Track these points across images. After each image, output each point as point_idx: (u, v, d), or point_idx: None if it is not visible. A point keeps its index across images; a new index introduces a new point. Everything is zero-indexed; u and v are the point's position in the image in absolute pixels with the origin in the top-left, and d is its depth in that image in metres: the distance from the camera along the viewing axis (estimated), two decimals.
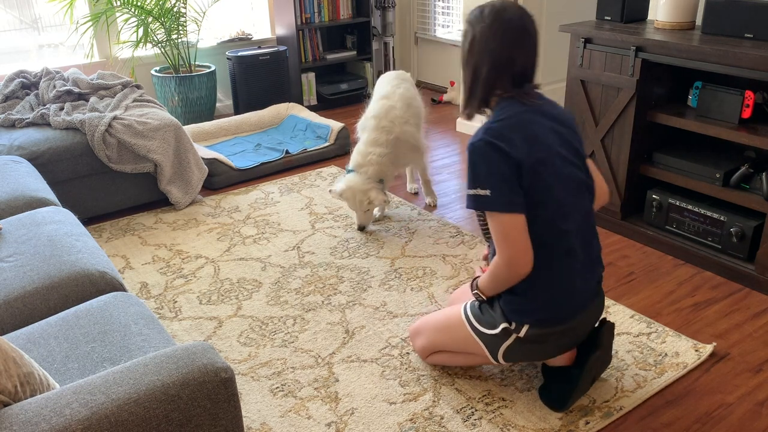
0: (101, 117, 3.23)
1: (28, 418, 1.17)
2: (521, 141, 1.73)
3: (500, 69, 1.78)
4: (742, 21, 2.60)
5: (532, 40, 1.78)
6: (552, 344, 1.88)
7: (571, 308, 1.85)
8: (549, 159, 1.76)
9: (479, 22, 1.78)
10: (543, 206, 1.76)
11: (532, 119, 1.78)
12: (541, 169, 1.73)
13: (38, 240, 2.08)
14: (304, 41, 4.99)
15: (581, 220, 1.84)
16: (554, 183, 1.76)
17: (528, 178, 1.73)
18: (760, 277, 2.56)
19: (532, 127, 1.76)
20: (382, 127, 3.05)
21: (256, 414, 1.99)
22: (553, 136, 1.79)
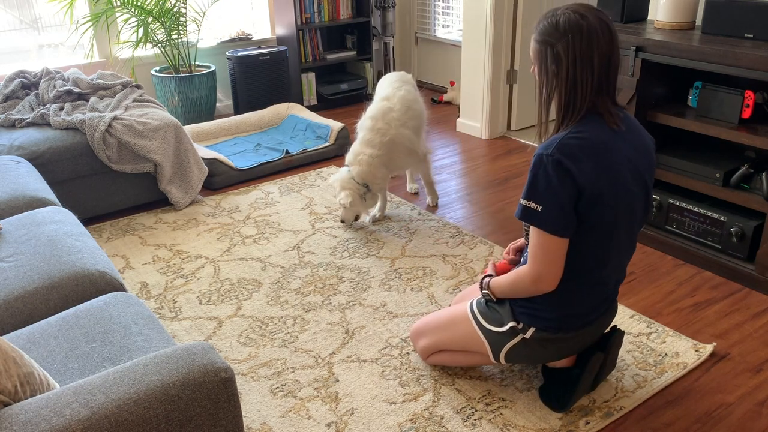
0: (101, 117, 3.23)
1: (28, 418, 1.17)
2: (592, 167, 1.64)
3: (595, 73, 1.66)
4: (742, 21, 2.60)
5: (615, 36, 1.68)
6: (555, 350, 1.89)
7: (581, 324, 1.87)
8: (614, 194, 1.68)
9: (561, 39, 1.65)
10: (593, 236, 1.72)
11: (612, 145, 1.69)
12: (603, 201, 1.67)
13: (38, 240, 2.08)
14: (304, 41, 4.99)
15: (623, 253, 1.83)
16: (612, 218, 1.70)
17: (586, 205, 1.66)
18: (760, 277, 2.56)
19: (608, 155, 1.67)
20: (378, 129, 3.03)
21: (256, 414, 1.99)
22: (626, 168, 1.71)
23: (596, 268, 1.78)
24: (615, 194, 1.69)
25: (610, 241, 1.74)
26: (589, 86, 1.67)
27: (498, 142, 4.37)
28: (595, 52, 1.64)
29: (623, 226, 1.75)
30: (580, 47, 1.64)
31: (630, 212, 1.75)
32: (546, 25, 1.69)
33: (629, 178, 1.72)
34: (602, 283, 1.83)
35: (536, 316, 1.84)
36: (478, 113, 4.44)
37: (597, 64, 1.65)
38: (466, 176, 3.81)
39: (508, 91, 4.44)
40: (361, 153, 3.02)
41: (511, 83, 4.41)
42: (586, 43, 1.64)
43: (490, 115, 4.39)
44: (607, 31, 1.65)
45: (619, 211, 1.71)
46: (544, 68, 1.72)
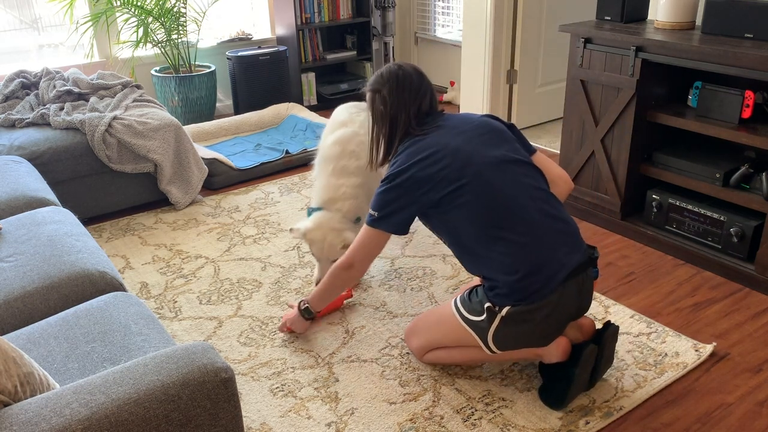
0: (101, 117, 3.23)
1: (28, 418, 1.17)
2: (416, 162, 1.94)
3: (411, 118, 2.06)
4: (742, 21, 2.60)
5: (428, 84, 2.11)
6: (536, 324, 1.87)
7: (544, 281, 1.85)
8: (449, 157, 1.92)
9: (384, 85, 2.07)
10: (463, 193, 1.89)
11: (421, 141, 1.99)
12: (443, 170, 1.90)
13: (38, 240, 2.08)
14: (304, 41, 4.99)
15: (527, 192, 1.92)
16: (465, 171, 1.90)
17: (431, 184, 1.91)
18: (760, 277, 2.56)
19: (419, 146, 1.97)
20: (351, 152, 2.55)
21: (256, 414, 1.99)
22: (455, 140, 1.96)
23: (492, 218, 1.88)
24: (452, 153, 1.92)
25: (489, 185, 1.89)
26: (407, 116, 2.06)
27: None
28: (408, 92, 2.06)
29: (493, 167, 1.92)
30: (398, 88, 2.06)
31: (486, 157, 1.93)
32: (375, 77, 2.12)
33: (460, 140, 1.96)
34: (524, 227, 1.88)
35: (504, 294, 1.87)
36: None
37: (409, 99, 2.06)
38: None
39: (508, 91, 4.44)
40: (342, 185, 2.51)
41: (511, 83, 4.41)
42: (401, 84, 2.06)
43: None
44: (420, 72, 2.11)
45: (468, 158, 1.92)
46: (375, 112, 2.11)
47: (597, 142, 3.04)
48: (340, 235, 2.45)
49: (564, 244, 1.91)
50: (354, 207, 2.50)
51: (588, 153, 3.10)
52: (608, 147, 3.01)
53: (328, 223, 2.46)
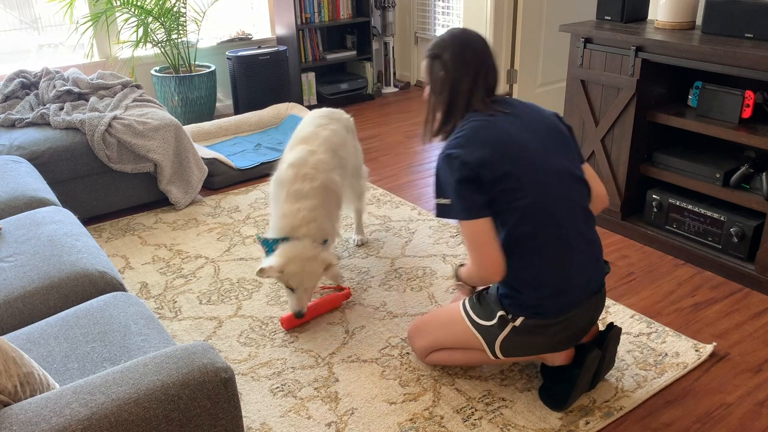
0: (101, 117, 3.23)
1: (28, 418, 1.17)
2: (481, 146, 1.80)
3: (467, 94, 1.90)
4: (742, 21, 2.60)
5: (493, 57, 1.94)
6: (548, 337, 1.88)
7: (567, 304, 1.85)
8: (517, 154, 1.81)
9: (446, 50, 1.91)
10: (520, 200, 1.79)
11: (494, 124, 1.85)
12: (508, 168, 1.78)
13: (38, 240, 2.08)
14: (304, 41, 4.99)
15: (573, 211, 1.85)
16: (529, 173, 1.80)
17: (494, 179, 1.78)
18: (760, 277, 2.56)
19: (494, 130, 1.83)
20: (304, 175, 2.40)
21: (256, 414, 1.99)
22: (525, 135, 1.85)
23: (547, 226, 1.80)
24: (521, 155, 1.81)
25: (545, 196, 1.81)
26: (471, 84, 1.89)
27: None
28: (473, 59, 1.89)
29: (553, 179, 1.83)
30: (462, 53, 1.89)
31: (550, 166, 1.83)
32: (435, 42, 1.96)
33: (530, 139, 1.85)
34: (564, 240, 1.82)
35: (522, 305, 1.85)
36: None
37: (480, 66, 1.90)
38: None
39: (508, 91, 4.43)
40: (300, 210, 2.34)
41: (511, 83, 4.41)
42: (468, 49, 1.90)
43: None
44: (483, 39, 1.93)
45: (532, 165, 1.81)
46: (434, 78, 1.95)
47: (597, 142, 3.04)
48: (317, 259, 2.29)
49: (591, 270, 1.90)
50: (318, 229, 2.35)
51: (588, 153, 3.11)
52: (608, 147, 3.01)
53: (301, 252, 2.28)
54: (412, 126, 4.73)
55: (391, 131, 4.62)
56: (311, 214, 2.34)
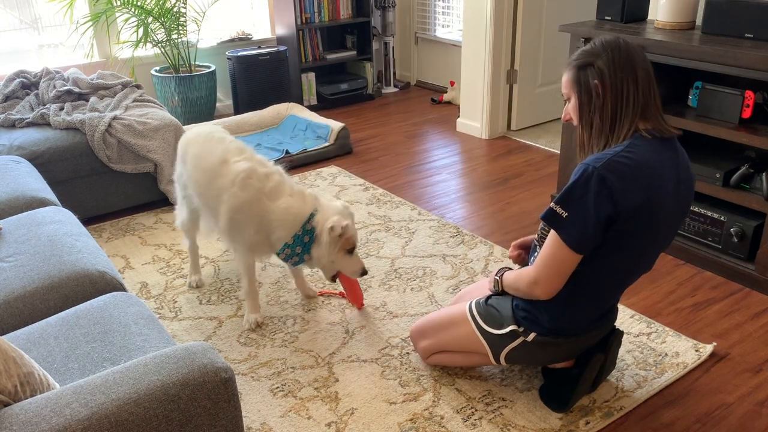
0: (101, 117, 3.23)
1: (28, 418, 1.17)
2: (637, 191, 1.60)
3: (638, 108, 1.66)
4: (742, 21, 2.60)
5: (650, 68, 1.70)
6: (556, 352, 1.89)
7: (583, 331, 1.87)
8: (657, 218, 1.66)
9: (600, 56, 1.67)
10: (618, 261, 1.71)
11: (662, 169, 1.65)
12: (642, 226, 1.64)
13: (38, 240, 2.08)
14: (304, 41, 4.99)
15: (639, 276, 1.85)
16: (643, 250, 1.71)
17: (620, 229, 1.63)
18: (760, 277, 2.56)
19: (656, 180, 1.63)
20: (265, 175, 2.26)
21: (256, 414, 1.99)
22: (671, 198, 1.68)
23: (609, 289, 1.79)
24: (656, 225, 1.66)
25: (632, 270, 1.77)
26: (633, 97, 1.65)
27: (498, 142, 4.37)
28: (637, 64, 1.65)
29: (649, 251, 1.74)
30: (620, 59, 1.65)
31: (659, 239, 1.73)
32: (582, 51, 1.72)
33: (673, 203, 1.69)
34: (610, 300, 1.85)
35: (538, 323, 1.84)
36: (478, 113, 4.44)
37: (640, 76, 1.65)
38: (466, 176, 3.81)
39: (508, 91, 4.44)
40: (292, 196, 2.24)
41: (511, 83, 4.41)
42: (626, 55, 1.65)
43: (490, 115, 4.39)
44: (641, 49, 1.68)
45: (650, 238, 1.69)
46: (585, 90, 1.70)
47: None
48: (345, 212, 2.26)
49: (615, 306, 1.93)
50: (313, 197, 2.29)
51: None
52: None
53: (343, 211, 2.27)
54: (412, 126, 4.73)
55: (391, 131, 4.61)
56: (304, 192, 2.27)
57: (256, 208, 2.21)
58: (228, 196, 2.21)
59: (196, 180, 2.34)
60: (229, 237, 2.28)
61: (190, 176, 2.37)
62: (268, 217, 2.21)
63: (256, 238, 2.25)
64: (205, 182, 2.30)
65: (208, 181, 2.29)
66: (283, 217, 2.20)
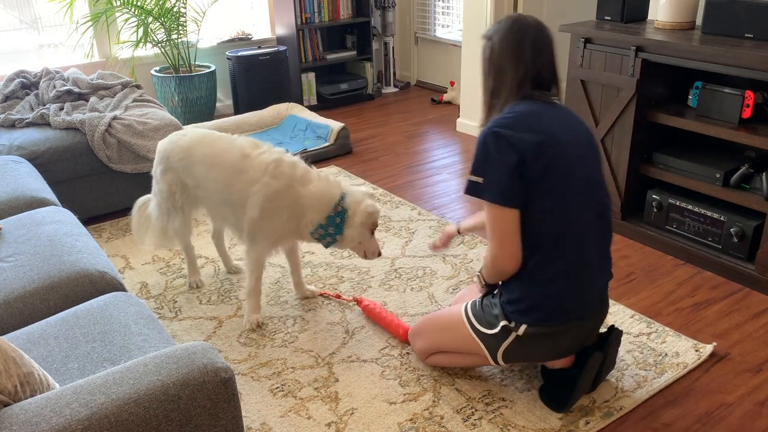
0: (101, 117, 3.23)
1: (28, 418, 1.17)
2: (530, 131, 1.74)
3: (519, 75, 1.82)
4: (742, 21, 2.60)
5: (547, 45, 1.84)
6: (551, 345, 1.88)
7: (572, 311, 1.85)
8: (560, 151, 1.75)
9: (497, 33, 1.85)
10: (552, 196, 1.75)
11: (545, 112, 1.79)
12: (550, 160, 1.73)
13: (38, 240, 2.08)
14: (304, 41, 4.99)
15: (594, 221, 1.83)
16: (565, 176, 1.76)
17: (534, 167, 1.72)
18: (760, 277, 2.56)
19: (543, 119, 1.77)
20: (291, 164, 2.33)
21: (256, 414, 1.99)
22: (567, 134, 1.80)
23: (568, 231, 1.78)
24: (563, 152, 1.76)
25: (572, 201, 1.77)
26: (513, 74, 1.82)
27: None
28: (525, 44, 1.81)
29: (582, 186, 1.79)
30: (509, 39, 1.82)
31: (582, 173, 1.79)
32: (489, 29, 1.91)
33: (568, 138, 1.79)
34: (580, 262, 1.81)
35: (524, 311, 1.84)
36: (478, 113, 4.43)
37: (523, 56, 1.81)
38: (466, 176, 3.81)
39: None
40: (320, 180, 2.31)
41: None
42: (515, 35, 1.82)
43: None
44: (539, 29, 1.83)
45: (569, 167, 1.77)
46: (482, 61, 1.92)
47: (597, 142, 3.04)
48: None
49: (601, 284, 1.91)
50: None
51: None
52: (608, 147, 3.01)
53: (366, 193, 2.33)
54: (412, 126, 4.73)
55: (391, 131, 4.62)
56: (329, 177, 2.33)
57: (290, 194, 2.27)
58: (260, 187, 2.25)
59: (214, 179, 2.35)
60: (257, 229, 2.30)
61: (204, 177, 2.38)
62: (301, 202, 2.26)
63: (287, 225, 2.29)
64: (227, 179, 2.31)
65: (230, 178, 2.31)
66: (317, 201, 2.26)
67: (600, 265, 1.88)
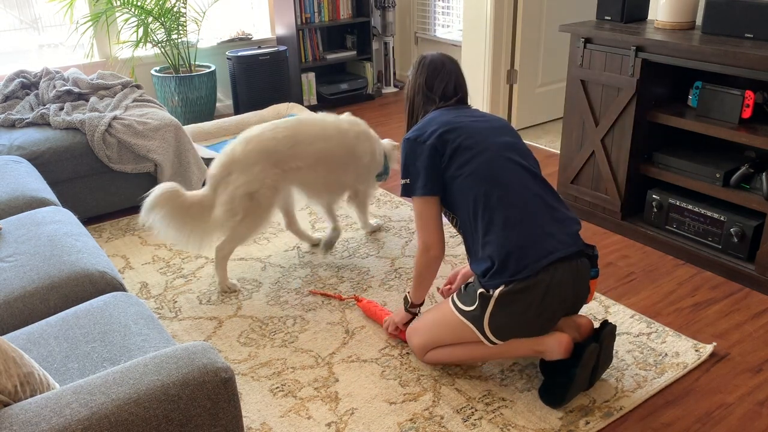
0: (101, 117, 3.23)
1: (28, 418, 1.17)
2: (435, 126, 2.05)
3: (426, 95, 2.21)
4: (742, 21, 2.60)
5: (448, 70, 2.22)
6: (531, 306, 1.87)
7: (537, 260, 1.86)
8: (468, 130, 2.04)
9: (413, 68, 2.27)
10: (469, 163, 1.98)
11: (448, 113, 2.12)
12: (458, 138, 2.01)
13: (38, 240, 2.08)
14: (304, 41, 4.99)
15: (522, 175, 2.00)
16: (477, 142, 2.01)
17: (446, 149, 2.01)
18: (760, 277, 2.56)
19: (448, 116, 2.09)
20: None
21: (256, 414, 1.99)
22: (476, 122, 2.08)
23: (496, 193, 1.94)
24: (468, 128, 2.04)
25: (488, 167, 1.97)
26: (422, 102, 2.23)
27: None
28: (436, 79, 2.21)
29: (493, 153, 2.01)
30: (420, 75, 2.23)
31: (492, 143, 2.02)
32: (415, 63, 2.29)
33: (478, 122, 2.08)
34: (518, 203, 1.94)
35: (496, 273, 1.89)
36: None
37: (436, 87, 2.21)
38: None
39: (508, 91, 4.44)
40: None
41: (511, 83, 4.41)
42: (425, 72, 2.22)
43: None
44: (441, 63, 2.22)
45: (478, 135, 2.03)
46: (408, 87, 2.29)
47: (597, 142, 3.04)
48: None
49: (559, 229, 1.95)
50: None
51: (588, 153, 3.11)
52: (608, 147, 3.01)
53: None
54: None
55: (391, 131, 4.61)
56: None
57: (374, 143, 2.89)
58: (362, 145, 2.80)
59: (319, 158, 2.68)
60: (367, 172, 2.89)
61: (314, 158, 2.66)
62: (379, 148, 2.92)
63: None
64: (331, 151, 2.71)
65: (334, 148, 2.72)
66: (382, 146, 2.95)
67: (552, 216, 1.96)
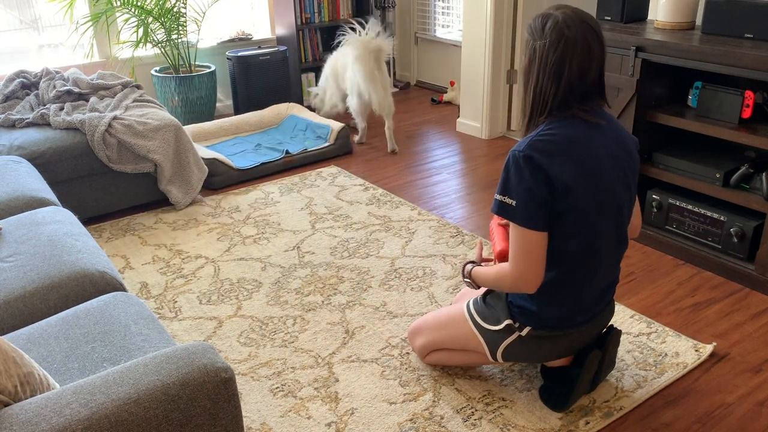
0: (101, 117, 3.23)
1: (28, 418, 1.17)
2: (565, 160, 1.67)
3: (562, 83, 1.69)
4: (742, 21, 2.60)
5: (596, 54, 1.69)
6: (552, 347, 1.89)
7: (578, 323, 1.87)
8: (591, 184, 1.70)
9: (543, 39, 1.69)
10: (576, 228, 1.73)
11: (584, 139, 1.71)
12: (578, 192, 1.68)
13: (38, 240, 2.08)
14: (304, 41, 4.99)
15: (613, 243, 1.82)
16: (591, 210, 1.72)
17: (562, 197, 1.68)
18: (760, 277, 2.56)
19: (579, 148, 1.70)
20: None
21: (256, 414, 1.99)
22: (604, 159, 1.73)
23: (583, 263, 1.77)
24: (591, 184, 1.70)
25: (595, 234, 1.75)
26: (553, 94, 1.71)
27: (498, 142, 4.37)
28: (566, 65, 1.68)
29: (606, 217, 1.75)
30: (553, 56, 1.68)
31: (611, 204, 1.75)
32: (535, 24, 1.73)
33: (607, 168, 1.73)
34: (594, 279, 1.82)
35: (532, 317, 1.84)
36: (478, 113, 4.44)
37: (567, 75, 1.68)
38: (466, 176, 3.81)
39: (508, 91, 4.44)
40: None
41: (511, 83, 4.41)
42: (560, 53, 1.67)
43: (490, 115, 4.39)
44: (588, 46, 1.67)
45: (598, 201, 1.72)
46: (525, 60, 1.78)
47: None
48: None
49: (608, 292, 1.91)
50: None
51: None
52: None
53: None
54: (412, 126, 4.73)
55: None
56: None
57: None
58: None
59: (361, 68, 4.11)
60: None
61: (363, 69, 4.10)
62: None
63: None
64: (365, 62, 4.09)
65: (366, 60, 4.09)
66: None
67: (608, 284, 1.89)
